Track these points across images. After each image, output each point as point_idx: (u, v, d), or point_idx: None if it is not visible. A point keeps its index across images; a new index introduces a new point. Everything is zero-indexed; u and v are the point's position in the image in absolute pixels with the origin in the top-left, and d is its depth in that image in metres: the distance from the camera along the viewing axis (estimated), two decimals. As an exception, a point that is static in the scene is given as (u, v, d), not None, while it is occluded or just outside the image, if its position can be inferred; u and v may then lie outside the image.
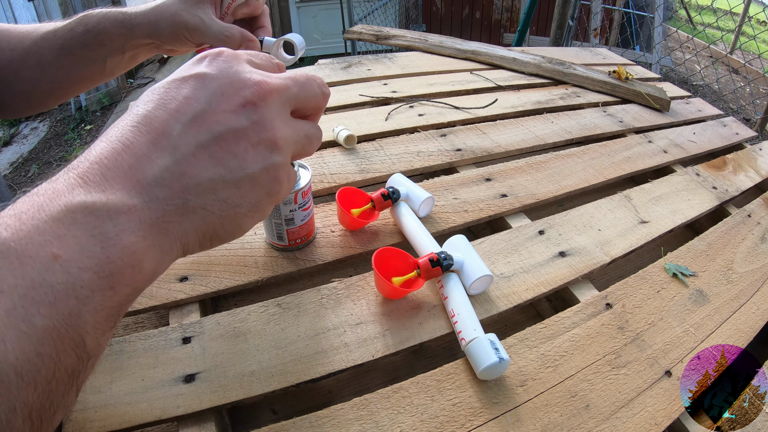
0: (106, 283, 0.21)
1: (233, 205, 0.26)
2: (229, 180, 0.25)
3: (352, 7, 3.06)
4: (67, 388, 0.20)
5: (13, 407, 0.18)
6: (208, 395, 0.39)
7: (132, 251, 0.22)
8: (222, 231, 0.26)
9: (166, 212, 0.23)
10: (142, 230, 0.22)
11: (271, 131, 0.26)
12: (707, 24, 4.34)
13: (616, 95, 0.98)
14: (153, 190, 0.23)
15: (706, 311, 0.50)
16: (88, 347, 0.21)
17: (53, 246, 0.20)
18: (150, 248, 0.23)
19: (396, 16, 4.06)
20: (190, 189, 0.24)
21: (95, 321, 0.21)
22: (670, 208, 0.65)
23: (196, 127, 0.24)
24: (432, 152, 0.73)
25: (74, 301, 0.20)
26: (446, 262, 0.46)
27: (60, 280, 0.19)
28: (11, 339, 0.18)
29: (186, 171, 0.24)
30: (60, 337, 0.19)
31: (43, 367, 0.19)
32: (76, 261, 0.20)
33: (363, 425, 0.37)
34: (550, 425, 0.38)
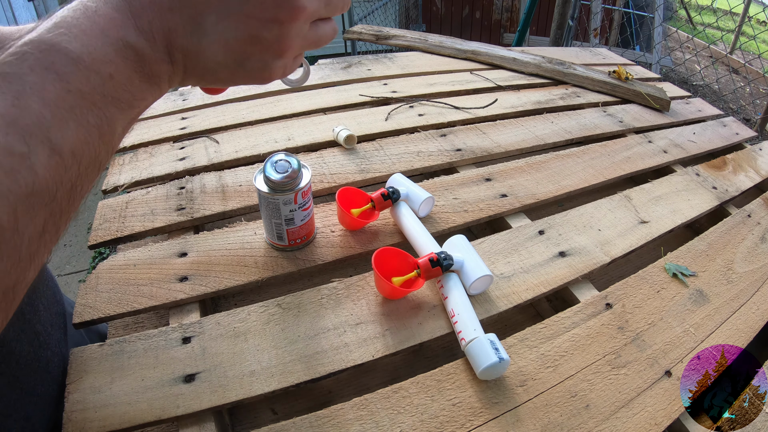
0: (136, 103, 0.28)
1: (222, 80, 0.31)
2: (230, 67, 0.30)
3: (352, 7, 3.06)
4: (95, 175, 0.27)
5: (62, 180, 0.23)
6: (208, 395, 0.39)
7: (154, 88, 0.29)
8: (201, 84, 0.33)
9: (176, 71, 0.30)
10: (162, 77, 0.29)
11: (285, 45, 0.30)
12: (707, 24, 4.34)
13: (616, 95, 0.98)
14: (177, 54, 0.29)
15: (706, 311, 0.50)
16: (114, 145, 0.28)
17: (111, 68, 0.25)
18: (166, 89, 0.30)
19: (396, 16, 4.06)
20: (200, 64, 0.30)
21: (123, 126, 0.28)
22: (670, 208, 0.65)
23: (228, 21, 0.28)
24: (432, 152, 0.73)
25: (115, 110, 0.26)
26: (446, 262, 0.46)
27: (111, 93, 0.26)
28: (72, 127, 0.24)
29: (203, 51, 0.29)
30: (102, 134, 0.26)
31: (87, 153, 0.25)
32: (123, 84, 0.26)
33: (363, 425, 0.37)
34: (550, 425, 0.38)
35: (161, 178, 0.67)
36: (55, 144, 0.23)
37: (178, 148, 0.73)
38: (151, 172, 0.67)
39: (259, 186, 0.48)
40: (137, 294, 0.47)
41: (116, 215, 0.59)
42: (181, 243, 0.54)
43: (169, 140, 0.76)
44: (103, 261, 0.52)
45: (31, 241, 0.22)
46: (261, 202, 0.50)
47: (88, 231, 0.78)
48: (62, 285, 1.85)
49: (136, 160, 0.71)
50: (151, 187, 0.65)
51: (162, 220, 0.58)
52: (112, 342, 0.43)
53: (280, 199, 0.48)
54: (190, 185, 0.64)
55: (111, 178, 0.67)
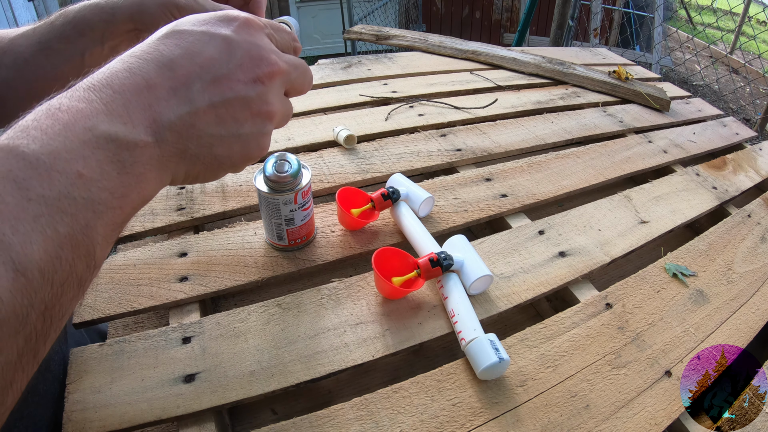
0: (117, 203, 0.24)
1: (220, 161, 0.30)
2: (225, 139, 0.29)
3: (352, 7, 3.06)
4: (75, 294, 0.23)
5: (32, 302, 0.20)
6: (208, 395, 0.39)
7: (140, 180, 0.25)
8: (202, 177, 0.30)
9: (171, 153, 0.27)
10: (150, 164, 0.26)
11: (270, 105, 0.30)
12: (707, 24, 4.34)
13: (616, 95, 0.98)
14: (165, 133, 0.26)
15: (706, 311, 0.50)
16: (96, 257, 0.24)
17: (79, 165, 0.22)
18: (152, 179, 0.27)
19: (396, 16, 4.06)
20: (193, 139, 0.28)
21: (105, 233, 0.24)
22: (670, 208, 0.65)
23: (213, 87, 0.28)
24: (432, 152, 0.73)
25: (91, 215, 0.23)
26: (446, 262, 0.46)
27: (83, 195, 0.22)
28: (37, 241, 0.20)
29: (195, 123, 0.27)
30: (77, 245, 0.22)
31: (60, 269, 0.21)
32: (97, 181, 0.23)
33: (363, 425, 0.37)
34: (550, 425, 0.38)
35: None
36: (19, 264, 0.19)
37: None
38: (151, 172, 0.67)
39: (259, 186, 0.48)
40: (137, 294, 0.47)
41: (116, 215, 0.59)
42: (181, 243, 0.54)
43: (169, 140, 0.76)
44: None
45: (4, 369, 0.20)
46: (261, 202, 0.50)
47: (88, 231, 0.79)
48: (62, 285, 1.85)
49: (136, 160, 0.71)
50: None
51: (162, 220, 0.58)
52: (112, 342, 0.43)
53: (280, 199, 0.48)
54: (190, 185, 0.64)
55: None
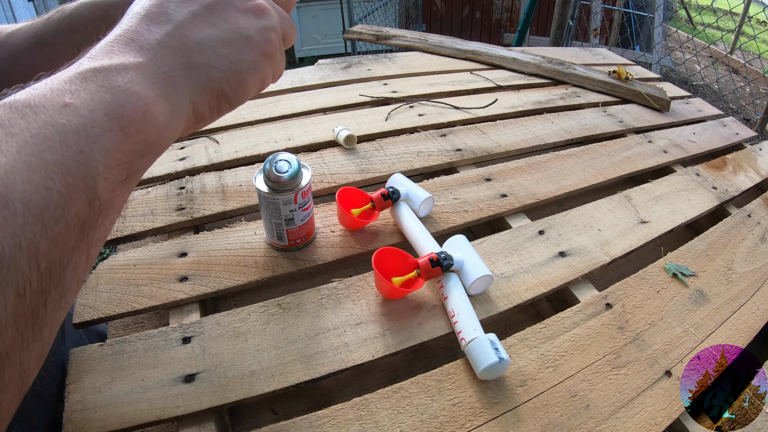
0: (116, 125, 0.22)
1: (234, 61, 0.28)
2: (226, 39, 0.28)
3: (352, 7, 3.06)
4: (77, 242, 0.20)
5: (18, 242, 0.17)
6: (208, 395, 0.39)
7: (141, 97, 0.23)
8: (228, 89, 0.28)
9: (171, 67, 0.25)
10: (149, 81, 0.24)
11: (268, 34, 0.29)
12: (707, 24, 4.34)
13: (616, 95, 0.98)
14: (157, 50, 0.25)
15: (706, 311, 0.50)
16: (99, 193, 0.21)
17: (65, 97, 0.21)
18: (159, 98, 0.24)
19: (396, 16, 4.06)
20: (191, 47, 0.26)
21: (106, 162, 0.21)
22: (670, 208, 0.65)
23: (187, 2, 0.27)
24: (432, 152, 0.73)
25: (84, 139, 0.20)
26: (446, 262, 0.46)
27: (71, 120, 0.20)
28: (20, 170, 0.18)
29: (185, 33, 0.26)
30: (70, 174, 0.19)
31: (51, 203, 0.18)
32: (87, 105, 0.21)
33: (363, 425, 0.37)
34: (550, 425, 0.38)
35: (161, 178, 0.67)
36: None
37: (178, 148, 0.73)
38: (150, 172, 0.67)
39: (259, 186, 0.48)
40: (137, 294, 0.47)
41: (116, 215, 0.59)
42: (181, 243, 0.54)
43: (169, 140, 0.76)
44: (103, 261, 0.52)
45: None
46: (261, 202, 0.50)
47: (88, 231, 0.79)
48: (62, 285, 1.85)
49: (136, 160, 0.71)
50: (151, 187, 0.65)
51: (162, 220, 0.58)
52: (112, 342, 0.43)
53: (280, 199, 0.48)
54: (190, 185, 0.64)
55: (111, 178, 0.67)
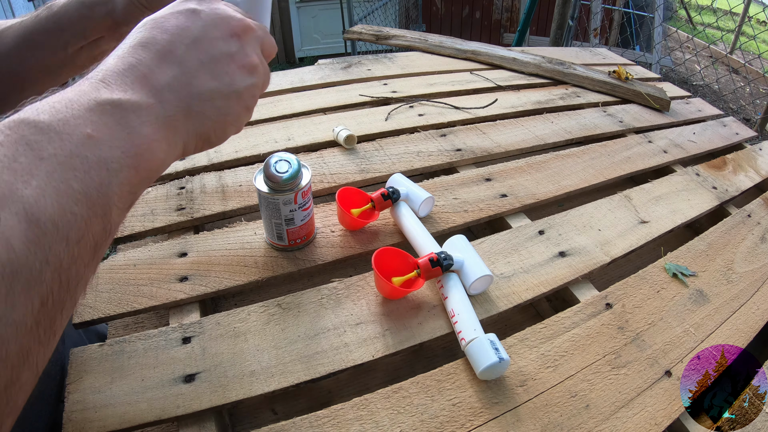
0: (131, 162, 0.25)
1: (224, 114, 0.31)
2: (223, 92, 0.31)
3: (352, 7, 3.06)
4: (90, 259, 0.23)
5: (47, 258, 0.20)
6: (208, 395, 0.39)
7: (150, 139, 0.26)
8: (213, 136, 0.31)
9: (175, 112, 0.28)
10: (157, 124, 0.27)
11: (252, 58, 0.32)
12: (707, 24, 4.34)
13: (616, 95, 0.98)
14: (165, 94, 0.28)
15: (706, 311, 0.50)
16: (112, 219, 0.24)
17: (88, 128, 0.23)
18: (162, 140, 0.27)
19: (396, 16, 4.06)
20: (194, 96, 0.29)
21: (120, 193, 0.25)
22: (670, 208, 0.65)
23: (196, 48, 0.29)
24: (432, 152, 0.73)
25: (105, 173, 0.23)
26: (446, 262, 0.46)
27: (94, 153, 0.23)
28: (51, 195, 0.21)
29: (190, 81, 0.29)
30: (92, 202, 0.23)
31: (75, 226, 0.22)
32: (107, 141, 0.24)
33: (363, 425, 0.37)
34: (550, 425, 0.38)
35: (161, 178, 0.67)
36: (32, 213, 0.20)
37: (178, 148, 0.73)
38: (151, 172, 0.67)
39: (259, 186, 0.48)
40: (137, 294, 0.47)
41: (116, 215, 0.59)
42: (181, 243, 0.54)
43: (169, 140, 0.76)
44: (103, 261, 0.52)
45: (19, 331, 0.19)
46: (261, 202, 0.50)
47: (88, 231, 0.78)
48: (62, 285, 1.85)
49: (136, 160, 0.71)
50: (151, 187, 0.65)
51: (162, 220, 0.58)
52: (112, 342, 0.43)
53: (280, 199, 0.48)
54: (190, 185, 0.64)
55: (111, 178, 0.67)
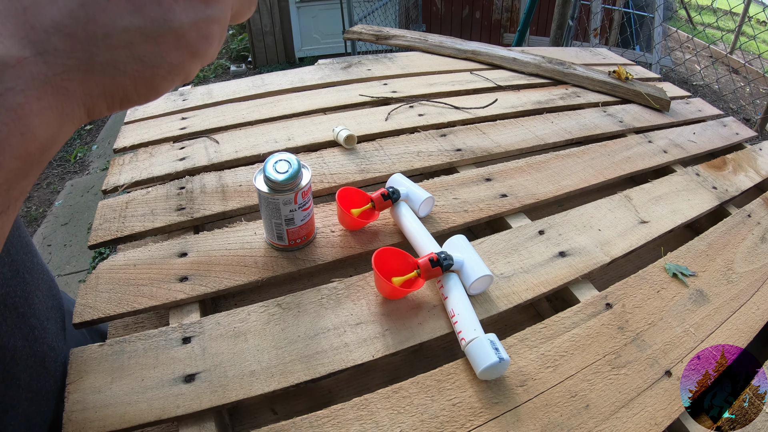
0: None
1: (150, 65, 0.21)
2: (148, 33, 0.20)
3: (352, 7, 3.06)
4: None
5: None
6: (208, 395, 0.39)
7: (20, 115, 0.18)
8: (134, 94, 0.22)
9: (66, 68, 0.19)
10: (34, 89, 0.18)
11: None
12: (707, 24, 4.34)
13: (616, 95, 0.98)
14: (50, 39, 0.18)
15: (706, 311, 0.50)
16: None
17: None
18: (45, 111, 0.19)
19: (396, 16, 4.06)
20: (98, 40, 0.19)
21: None
22: (670, 208, 0.65)
23: None
24: (432, 152, 0.73)
25: None
26: (446, 262, 0.46)
27: None
28: None
29: (94, 16, 0.19)
30: None
31: None
32: None
33: (363, 425, 0.37)
34: (550, 425, 0.38)
35: (161, 178, 0.67)
36: None
37: (178, 148, 0.73)
38: (151, 172, 0.67)
39: (259, 186, 0.48)
40: (137, 294, 0.47)
41: (116, 215, 0.59)
42: (181, 243, 0.54)
43: (169, 140, 0.76)
44: (103, 261, 0.52)
45: None
46: (261, 202, 0.50)
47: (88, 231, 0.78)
48: (62, 285, 1.86)
49: (136, 160, 0.71)
50: (151, 187, 0.65)
51: (162, 220, 0.58)
52: (112, 342, 0.43)
53: (280, 199, 0.48)
54: (190, 185, 0.64)
55: (111, 179, 0.67)
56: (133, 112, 0.87)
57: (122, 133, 0.79)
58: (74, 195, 2.55)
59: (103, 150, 2.98)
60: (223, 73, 4.26)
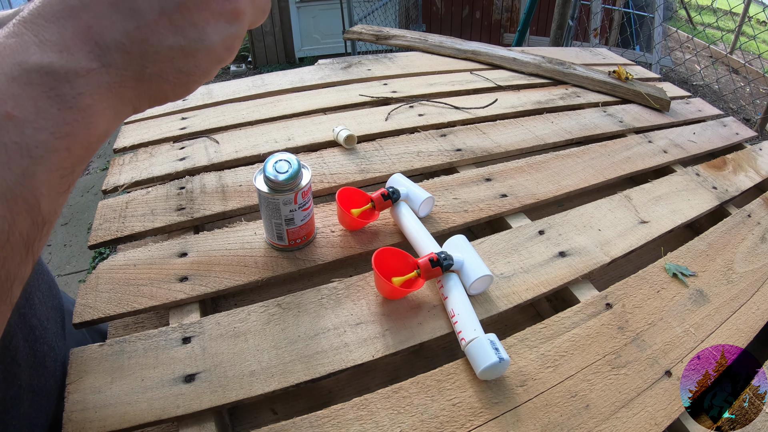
0: (61, 144, 0.21)
1: (187, 73, 0.26)
2: (187, 50, 0.25)
3: (352, 7, 3.06)
4: (22, 257, 0.20)
5: None
6: (208, 395, 0.39)
7: (88, 114, 0.22)
8: (172, 95, 0.27)
9: (123, 78, 0.23)
10: (99, 93, 0.22)
11: (235, 2, 0.26)
12: (707, 24, 4.34)
13: (616, 95, 0.98)
14: (112, 55, 0.23)
15: (706, 311, 0.50)
16: (43, 211, 0.21)
17: (8, 105, 0.19)
18: (105, 110, 0.23)
19: (396, 16, 4.06)
20: (149, 56, 0.24)
21: (50, 182, 0.21)
22: (670, 208, 0.65)
23: None
24: (432, 152, 0.73)
25: (28, 161, 0.20)
26: (446, 262, 0.46)
27: (14, 139, 0.19)
28: None
29: (146, 38, 0.23)
30: (14, 198, 0.19)
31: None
32: (31, 121, 0.20)
33: (363, 425, 0.37)
34: (550, 425, 0.38)
35: (161, 178, 0.67)
36: None
37: (178, 148, 0.73)
38: (151, 172, 0.67)
39: (259, 186, 0.48)
40: (137, 294, 0.47)
41: (116, 215, 0.59)
42: (181, 243, 0.54)
43: (169, 140, 0.76)
44: (103, 261, 0.52)
45: None
46: (261, 202, 0.50)
47: (88, 231, 0.79)
48: (62, 285, 1.86)
49: (136, 160, 0.71)
50: (151, 187, 0.65)
51: (162, 220, 0.58)
52: (112, 342, 0.43)
53: (280, 199, 0.48)
54: (190, 185, 0.64)
55: (111, 179, 0.67)
56: (133, 112, 0.87)
57: (122, 133, 0.79)
58: (74, 195, 2.55)
59: (103, 150, 2.98)
60: (223, 73, 4.26)
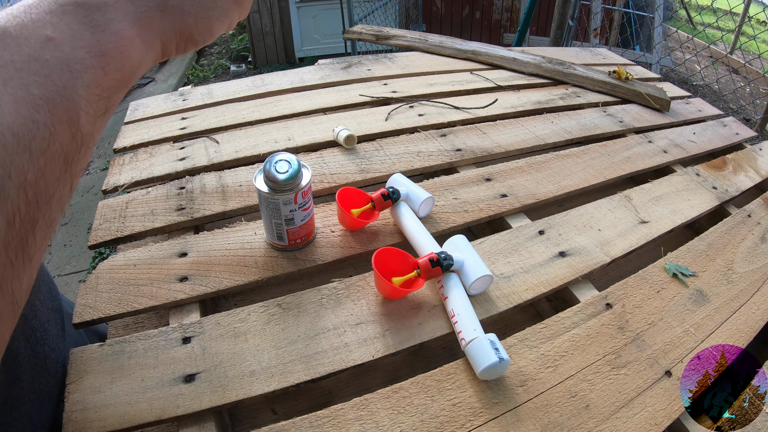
0: (97, 63, 0.23)
1: (206, 8, 0.29)
2: None
3: (352, 7, 3.05)
4: (61, 172, 0.21)
5: (8, 172, 0.18)
6: (208, 395, 0.39)
7: (120, 37, 0.24)
8: (196, 33, 0.29)
9: (148, 7, 0.26)
10: (127, 20, 0.25)
11: None
12: (707, 24, 4.34)
13: (616, 95, 0.98)
14: None
15: (706, 311, 0.50)
16: (81, 126, 0.22)
17: (47, 30, 0.21)
18: (135, 38, 0.25)
19: (396, 16, 4.06)
20: None
21: (88, 97, 0.23)
22: (670, 208, 0.65)
23: None
24: (432, 152, 0.73)
25: (68, 74, 0.22)
26: (446, 262, 0.46)
27: (55, 55, 0.21)
28: (7, 103, 0.19)
29: None
30: (55, 107, 0.21)
31: (38, 135, 0.20)
32: (69, 42, 0.22)
33: (363, 425, 0.37)
34: (550, 425, 0.38)
35: (161, 178, 0.67)
36: None
37: (178, 148, 0.73)
38: (151, 172, 0.67)
39: (259, 186, 0.48)
40: (137, 294, 0.47)
41: (116, 215, 0.59)
42: (181, 243, 0.54)
43: (169, 140, 0.76)
44: (103, 261, 0.52)
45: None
46: (261, 202, 0.50)
47: (88, 231, 0.79)
48: (62, 285, 1.86)
49: (136, 160, 0.71)
50: (151, 187, 0.65)
51: (162, 220, 0.58)
52: (112, 342, 0.43)
53: (280, 199, 0.48)
54: (190, 185, 0.64)
55: (111, 178, 0.67)
56: (133, 112, 0.87)
57: (122, 133, 0.79)
58: (74, 195, 2.55)
59: (103, 150, 2.98)
60: (223, 73, 4.26)
